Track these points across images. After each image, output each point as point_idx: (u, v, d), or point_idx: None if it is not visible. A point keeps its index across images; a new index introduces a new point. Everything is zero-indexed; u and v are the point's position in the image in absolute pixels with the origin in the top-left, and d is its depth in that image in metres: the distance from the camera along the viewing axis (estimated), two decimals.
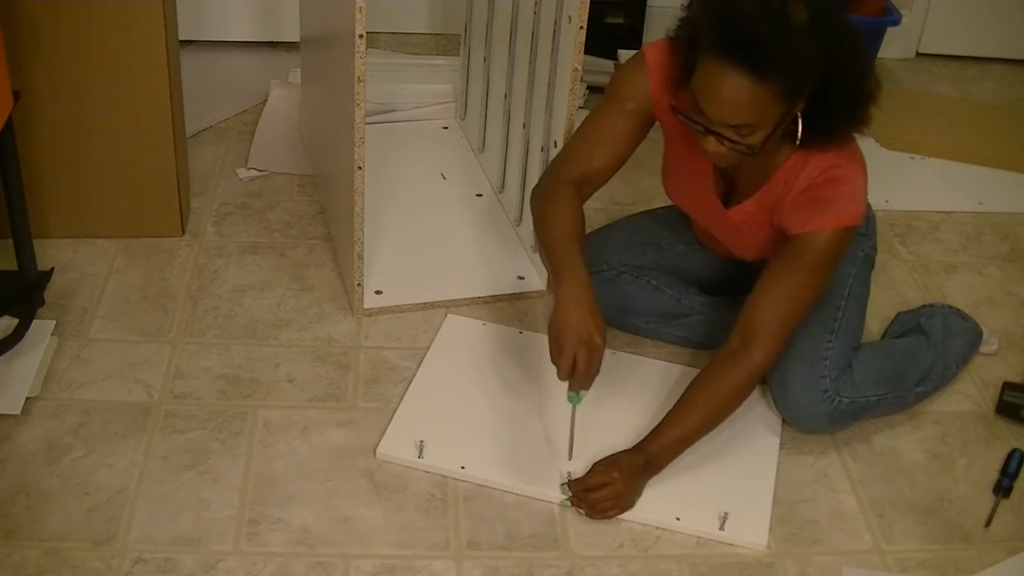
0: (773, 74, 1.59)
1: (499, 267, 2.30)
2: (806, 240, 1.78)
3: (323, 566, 1.68)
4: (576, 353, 1.68)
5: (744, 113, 1.64)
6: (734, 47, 1.59)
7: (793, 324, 1.82)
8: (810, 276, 1.80)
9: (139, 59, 2.13)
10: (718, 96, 1.64)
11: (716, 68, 1.62)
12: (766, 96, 1.62)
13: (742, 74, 1.60)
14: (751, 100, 1.62)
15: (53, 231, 2.26)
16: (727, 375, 1.82)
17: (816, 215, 1.76)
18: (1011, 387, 2.09)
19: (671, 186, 2.03)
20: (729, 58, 1.60)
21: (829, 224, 1.76)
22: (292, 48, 2.97)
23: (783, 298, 1.80)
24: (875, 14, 3.05)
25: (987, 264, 2.50)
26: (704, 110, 1.67)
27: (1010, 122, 3.09)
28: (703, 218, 2.01)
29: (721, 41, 1.61)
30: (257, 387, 1.99)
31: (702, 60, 1.65)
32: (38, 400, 1.91)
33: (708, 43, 1.63)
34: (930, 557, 1.78)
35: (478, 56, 2.60)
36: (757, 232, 1.90)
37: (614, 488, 1.76)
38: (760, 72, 1.59)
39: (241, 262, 2.29)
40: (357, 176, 1.99)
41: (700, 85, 1.66)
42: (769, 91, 1.61)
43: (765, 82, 1.60)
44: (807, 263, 1.79)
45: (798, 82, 1.63)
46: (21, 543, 1.66)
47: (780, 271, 1.81)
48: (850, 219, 1.77)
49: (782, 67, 1.59)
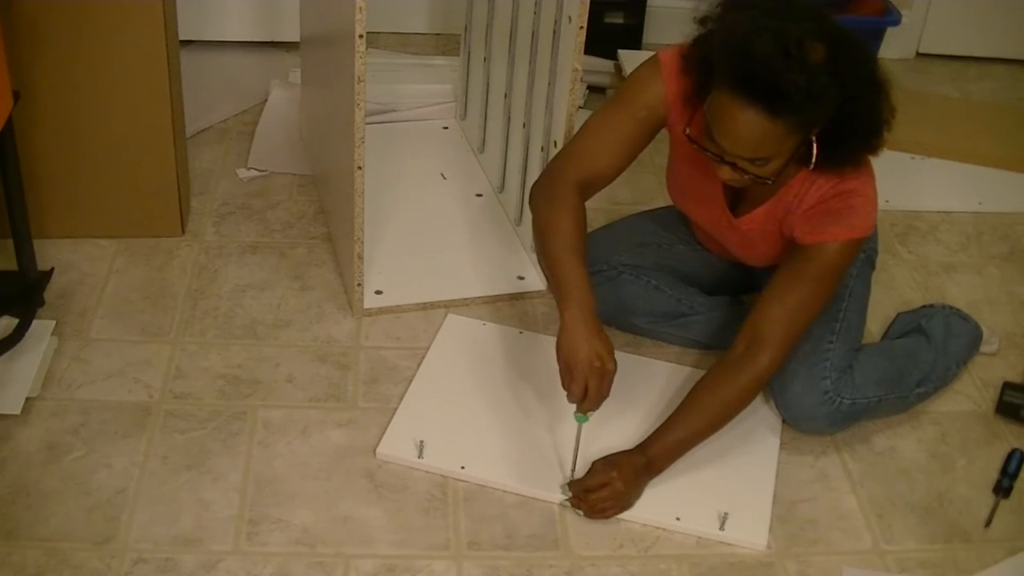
0: (789, 113, 1.59)
1: (499, 267, 2.30)
2: (817, 250, 1.78)
3: (323, 566, 1.68)
4: (588, 381, 1.69)
5: (760, 148, 1.64)
6: (751, 87, 1.58)
7: (799, 332, 1.83)
8: (819, 285, 1.80)
9: (139, 59, 2.13)
10: (733, 131, 1.63)
11: (732, 104, 1.60)
12: (782, 132, 1.62)
13: (759, 112, 1.59)
14: (766, 136, 1.61)
15: (53, 231, 2.26)
16: (731, 380, 1.82)
17: (829, 226, 1.77)
18: (1011, 387, 2.09)
19: (677, 191, 2.02)
20: (746, 96, 1.58)
21: (842, 235, 1.77)
22: (292, 48, 2.97)
23: (791, 306, 1.80)
24: (875, 14, 3.05)
25: (987, 264, 2.50)
26: (719, 143, 1.66)
27: (1010, 122, 3.09)
28: (710, 225, 2.00)
29: (738, 80, 1.59)
30: (257, 387, 1.99)
31: (717, 93, 1.64)
32: (38, 400, 1.91)
33: (724, 78, 1.62)
34: (930, 557, 1.78)
35: (478, 56, 2.60)
36: (764, 240, 1.90)
37: (613, 488, 1.76)
38: (776, 112, 1.58)
39: (241, 262, 2.29)
40: (357, 176, 1.99)
41: (715, 118, 1.65)
42: (785, 127, 1.61)
43: (781, 119, 1.60)
44: (817, 272, 1.79)
45: (815, 118, 1.63)
46: (21, 543, 1.66)
47: (789, 279, 1.81)
48: (862, 231, 1.78)
49: (799, 107, 1.59)
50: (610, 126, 1.86)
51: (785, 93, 1.57)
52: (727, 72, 1.61)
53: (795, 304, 1.80)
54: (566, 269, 1.75)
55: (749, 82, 1.58)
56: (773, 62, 1.56)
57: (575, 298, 1.72)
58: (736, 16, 1.65)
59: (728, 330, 2.09)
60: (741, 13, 1.65)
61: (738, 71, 1.59)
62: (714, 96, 1.65)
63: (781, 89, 1.56)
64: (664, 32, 3.31)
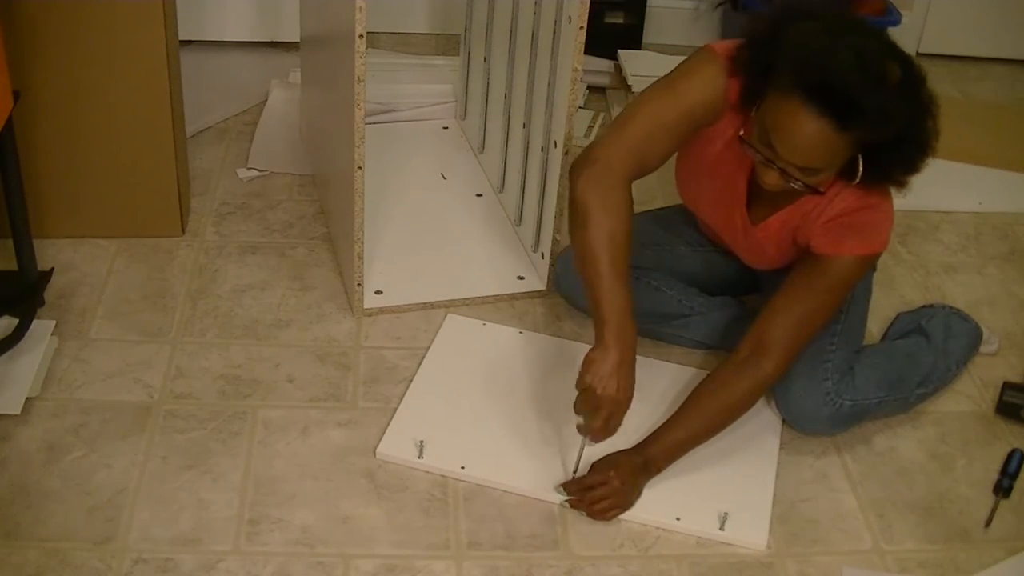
0: (859, 128, 1.59)
1: (499, 267, 2.30)
2: (833, 262, 1.78)
3: (323, 566, 1.68)
4: (611, 416, 1.69)
5: (818, 158, 1.63)
6: (825, 97, 1.56)
7: (806, 341, 1.83)
8: (829, 297, 1.81)
9: (139, 59, 2.13)
10: (795, 138, 1.61)
11: (800, 112, 1.58)
12: (843, 145, 1.61)
13: (827, 123, 1.57)
14: (828, 147, 1.61)
15: (53, 231, 2.26)
16: (734, 384, 1.82)
17: (848, 239, 1.77)
18: (1011, 387, 2.09)
19: (691, 192, 1.99)
20: (818, 106, 1.57)
21: (860, 250, 1.77)
22: (292, 48, 2.97)
23: (800, 315, 1.80)
24: (875, 14, 3.05)
25: (987, 264, 2.50)
26: (776, 148, 1.64)
27: (1010, 122, 3.09)
28: (722, 228, 1.98)
29: (812, 89, 1.57)
30: (257, 387, 1.99)
31: (784, 99, 1.61)
32: (38, 400, 1.91)
33: (794, 85, 1.59)
34: (930, 557, 1.78)
35: (478, 56, 2.60)
36: (776, 247, 1.90)
37: (611, 487, 1.76)
38: (845, 125, 1.58)
39: (241, 262, 2.29)
40: (357, 176, 1.99)
41: (776, 124, 1.62)
42: (847, 141, 1.61)
43: (847, 133, 1.59)
44: (829, 284, 1.79)
45: (879, 136, 1.62)
46: (21, 543, 1.66)
47: (800, 289, 1.81)
48: (880, 246, 1.79)
49: (870, 124, 1.58)
50: (664, 120, 1.77)
51: (861, 109, 1.56)
52: (800, 81, 1.58)
53: (804, 314, 1.80)
54: (607, 286, 1.69)
55: (824, 93, 1.56)
56: (852, 76, 1.55)
57: (615, 325, 1.68)
58: (808, 26, 1.62)
59: (728, 330, 2.09)
60: (807, 23, 1.63)
61: (813, 81, 1.57)
62: (778, 102, 1.62)
63: (857, 104, 1.56)
64: (664, 32, 3.31)
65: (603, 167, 1.74)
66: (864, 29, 1.64)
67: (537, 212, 2.23)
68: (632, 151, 1.76)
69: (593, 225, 1.71)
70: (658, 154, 1.80)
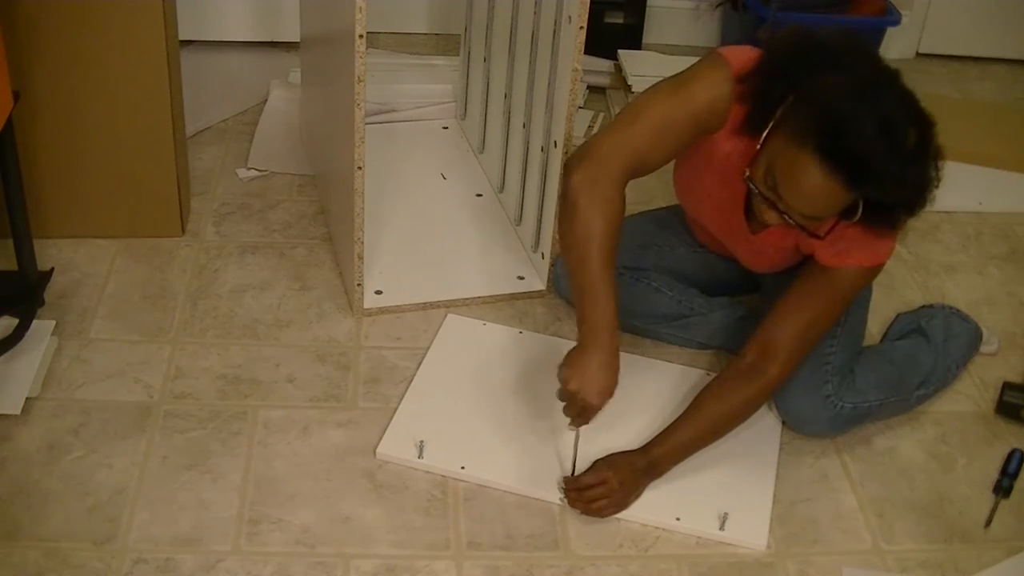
0: (869, 189, 1.59)
1: (499, 267, 2.30)
2: (839, 273, 1.78)
3: (323, 566, 1.68)
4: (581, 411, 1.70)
5: (824, 210, 1.63)
6: (840, 158, 1.55)
7: (810, 348, 1.84)
8: (835, 305, 1.82)
9: (139, 59, 2.13)
10: (803, 190, 1.60)
11: (813, 167, 1.57)
12: (849, 199, 1.62)
13: (837, 181, 1.57)
14: (834, 200, 1.61)
15: (53, 231, 2.26)
16: (739, 388, 1.82)
17: (854, 251, 1.76)
18: (1011, 387, 2.09)
19: (692, 197, 1.98)
20: (832, 165, 1.56)
21: (867, 261, 1.78)
22: (292, 48, 2.97)
23: (806, 323, 1.80)
24: (875, 14, 3.05)
25: (987, 264, 2.50)
26: (781, 193, 1.63)
27: (1010, 122, 3.09)
28: (722, 233, 1.98)
29: (828, 146, 1.55)
30: (257, 387, 1.99)
31: (796, 149, 1.58)
32: (38, 400, 1.91)
33: (808, 138, 1.57)
34: (930, 557, 1.78)
35: (478, 56, 2.60)
36: (776, 252, 1.90)
37: (608, 487, 1.76)
38: (855, 185, 1.58)
39: (241, 262, 2.29)
40: (357, 176, 1.99)
41: (786, 173, 1.61)
42: (853, 196, 1.61)
43: (855, 191, 1.59)
44: (836, 294, 1.80)
45: (888, 196, 1.62)
46: (21, 543, 1.66)
47: (805, 296, 1.81)
48: (886, 255, 1.79)
49: (882, 187, 1.58)
50: (668, 121, 1.75)
51: (876, 174, 1.56)
52: (819, 142, 1.56)
53: (809, 321, 1.81)
54: (593, 281, 1.70)
55: (840, 152, 1.55)
56: (872, 144, 1.54)
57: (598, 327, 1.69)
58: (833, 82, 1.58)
59: (729, 331, 2.09)
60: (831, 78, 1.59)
61: (830, 141, 1.55)
62: (790, 150, 1.60)
63: (872, 169, 1.55)
64: (664, 32, 3.31)
65: (598, 160, 1.73)
66: (889, 83, 1.62)
67: (537, 212, 2.23)
68: (635, 151, 1.75)
69: (578, 214, 1.71)
70: (661, 155, 1.79)
